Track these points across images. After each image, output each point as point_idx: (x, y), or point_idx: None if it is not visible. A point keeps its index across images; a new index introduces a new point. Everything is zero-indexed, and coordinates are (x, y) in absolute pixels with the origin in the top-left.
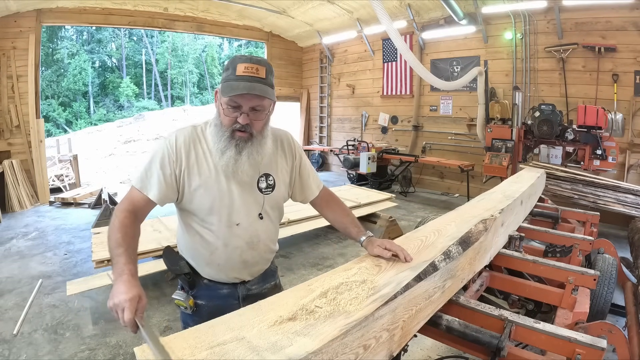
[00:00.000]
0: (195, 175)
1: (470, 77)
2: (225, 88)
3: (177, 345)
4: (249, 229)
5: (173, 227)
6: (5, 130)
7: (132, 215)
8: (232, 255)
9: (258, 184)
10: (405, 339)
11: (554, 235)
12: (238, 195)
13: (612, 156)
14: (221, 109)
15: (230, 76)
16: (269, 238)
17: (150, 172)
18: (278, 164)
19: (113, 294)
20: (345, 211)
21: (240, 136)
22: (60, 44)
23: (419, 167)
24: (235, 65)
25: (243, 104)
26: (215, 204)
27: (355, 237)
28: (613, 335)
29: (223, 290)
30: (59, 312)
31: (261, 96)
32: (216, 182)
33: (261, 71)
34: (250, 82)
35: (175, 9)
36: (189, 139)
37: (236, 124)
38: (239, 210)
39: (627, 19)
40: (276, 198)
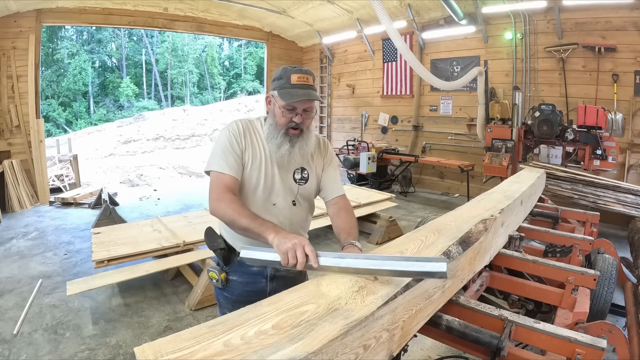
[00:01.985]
0: (249, 156)
1: (470, 77)
2: (285, 95)
3: (177, 345)
4: (283, 211)
5: (173, 227)
6: (5, 130)
7: (232, 194)
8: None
9: (294, 175)
10: (405, 339)
11: (554, 235)
12: (279, 181)
13: (612, 156)
14: (278, 111)
15: (286, 85)
16: (300, 224)
17: (225, 154)
18: (314, 160)
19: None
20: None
21: (293, 133)
22: (60, 44)
23: (419, 167)
24: (289, 75)
25: (298, 107)
26: (260, 183)
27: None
28: (613, 335)
29: (254, 267)
30: (59, 312)
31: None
32: (264, 166)
33: (310, 79)
34: (304, 89)
35: (175, 9)
36: (246, 127)
37: (291, 122)
38: (278, 193)
39: (627, 19)
40: (308, 190)
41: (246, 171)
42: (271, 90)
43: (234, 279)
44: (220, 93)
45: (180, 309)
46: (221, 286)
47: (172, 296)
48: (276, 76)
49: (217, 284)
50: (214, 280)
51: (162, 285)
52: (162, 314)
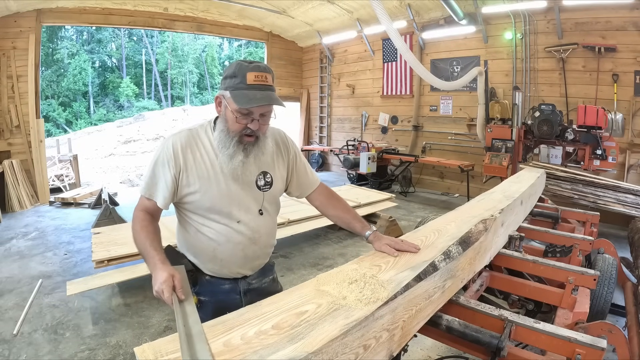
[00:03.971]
0: (194, 176)
1: (470, 77)
2: (240, 98)
3: (177, 345)
4: (250, 225)
5: (173, 227)
6: (5, 130)
7: (149, 216)
8: (234, 250)
9: (257, 182)
10: (405, 339)
11: (554, 235)
12: (237, 194)
13: (612, 156)
14: (231, 115)
15: (241, 85)
16: (269, 233)
17: (155, 179)
18: (274, 160)
19: (153, 283)
20: (346, 207)
21: (248, 141)
22: (60, 44)
23: (419, 167)
24: (244, 73)
25: (255, 111)
26: (215, 203)
27: (360, 232)
28: (613, 335)
29: (225, 285)
30: (59, 312)
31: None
32: (215, 182)
33: (269, 78)
34: (263, 90)
35: (175, 9)
36: (186, 142)
37: (246, 129)
38: (239, 207)
39: (627, 19)
40: (274, 194)
41: (195, 195)
42: (222, 89)
43: (205, 299)
44: None
45: None
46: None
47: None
48: (228, 73)
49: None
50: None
51: None
52: (162, 314)
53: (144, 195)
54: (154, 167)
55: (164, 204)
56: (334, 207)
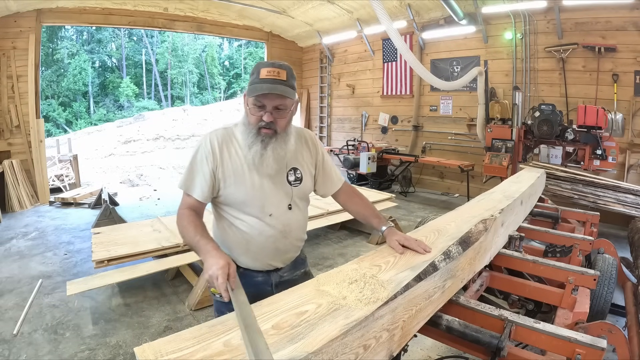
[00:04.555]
0: (229, 171)
1: (470, 77)
2: (251, 90)
3: (177, 345)
4: (281, 219)
5: (173, 227)
6: (5, 130)
7: (192, 212)
8: (266, 243)
9: (287, 177)
10: (405, 339)
11: (554, 235)
12: (269, 188)
13: (612, 156)
14: (248, 109)
15: (255, 79)
16: (299, 227)
17: (192, 175)
18: (304, 157)
19: (206, 268)
20: (366, 204)
21: (265, 133)
22: (60, 44)
23: (419, 167)
24: (259, 69)
25: (267, 104)
26: (248, 197)
27: (376, 227)
28: (613, 335)
29: (258, 277)
30: (59, 312)
31: (283, 96)
32: (249, 177)
33: (282, 74)
34: (273, 83)
35: (175, 9)
36: (222, 139)
37: (261, 121)
38: (271, 201)
39: (627, 19)
40: (303, 189)
41: (230, 188)
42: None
43: None
44: (220, 93)
45: (180, 309)
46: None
47: (172, 296)
48: (251, 72)
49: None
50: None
51: (162, 285)
52: (162, 314)
53: (183, 190)
54: (192, 163)
55: (203, 197)
56: (355, 204)
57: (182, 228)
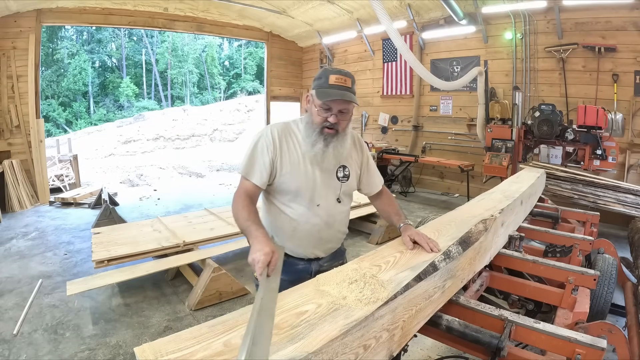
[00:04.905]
0: (286, 161)
1: (470, 77)
2: (321, 94)
3: (177, 345)
4: (328, 210)
5: (173, 227)
6: (5, 130)
7: (248, 197)
8: (311, 231)
9: (337, 174)
10: (405, 339)
11: (554, 235)
12: (320, 181)
13: (612, 156)
14: (314, 110)
15: (324, 84)
16: (342, 220)
17: (252, 161)
18: (352, 157)
19: (252, 252)
20: (392, 204)
21: (328, 132)
22: (60, 44)
23: (419, 167)
24: (328, 75)
25: (333, 107)
26: (301, 186)
27: (395, 223)
28: (613, 335)
29: (299, 265)
30: (59, 312)
31: (348, 101)
32: (304, 168)
33: (348, 81)
34: (341, 90)
35: (175, 9)
36: (282, 131)
37: (326, 122)
38: (320, 193)
39: (627, 19)
40: (350, 186)
41: (285, 177)
42: (311, 89)
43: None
44: (220, 93)
45: (180, 309)
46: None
47: (172, 296)
48: (316, 76)
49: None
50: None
51: (162, 285)
52: (162, 314)
53: (243, 175)
54: (253, 151)
55: (261, 182)
56: (384, 203)
57: (236, 211)
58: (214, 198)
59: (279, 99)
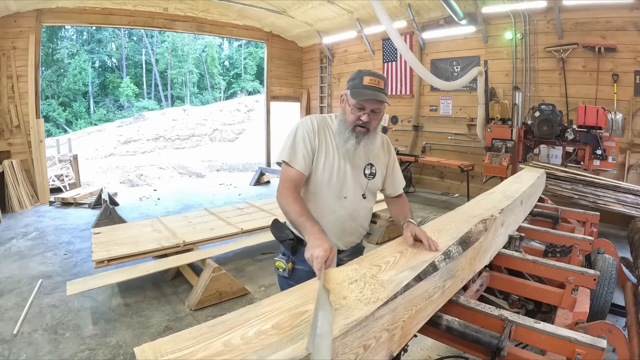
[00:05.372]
0: (322, 152)
1: (470, 77)
2: (356, 93)
3: (177, 345)
4: (353, 204)
5: (173, 227)
6: (5, 130)
7: (296, 189)
8: (336, 222)
9: (364, 170)
10: (405, 339)
11: (554, 235)
12: (350, 175)
13: (612, 156)
14: (348, 108)
15: (358, 85)
16: (366, 215)
17: (295, 149)
18: (379, 158)
19: (309, 247)
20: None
21: (360, 130)
22: (60, 44)
23: (419, 167)
24: (362, 77)
25: (367, 106)
26: (332, 178)
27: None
28: (613, 335)
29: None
30: (59, 312)
31: (381, 101)
32: (337, 162)
33: (381, 83)
34: (374, 90)
35: (175, 9)
36: (320, 123)
37: (359, 121)
38: (349, 186)
39: (627, 19)
40: (376, 184)
41: (319, 166)
42: (345, 89)
43: (299, 268)
44: (220, 93)
45: (180, 309)
46: (287, 275)
47: (172, 296)
48: (351, 77)
49: (284, 272)
50: (280, 270)
51: (162, 285)
52: (162, 314)
53: (286, 161)
54: (295, 139)
55: (305, 169)
56: (399, 205)
57: (285, 204)
58: (214, 198)
59: (279, 99)
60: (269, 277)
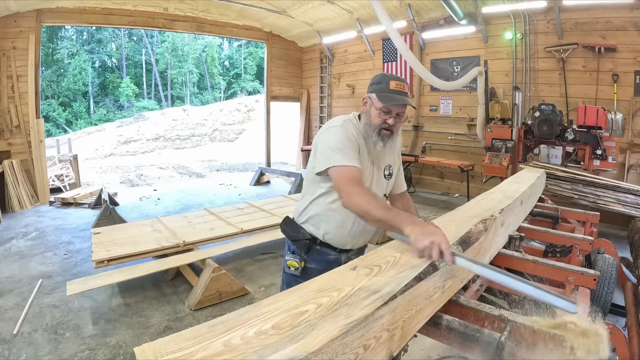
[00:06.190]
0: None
1: (470, 77)
2: (384, 98)
3: (177, 345)
4: None
5: (173, 227)
6: (5, 130)
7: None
8: (360, 223)
9: (384, 171)
10: (405, 339)
11: (554, 235)
12: (376, 177)
13: (612, 156)
14: (375, 112)
15: (385, 89)
16: None
17: (346, 151)
18: (395, 159)
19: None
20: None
21: (385, 133)
22: (60, 44)
23: (419, 167)
24: (388, 81)
25: (393, 110)
26: (367, 181)
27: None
28: (613, 335)
29: (330, 256)
30: (59, 312)
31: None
32: (368, 165)
33: (406, 87)
34: (401, 94)
35: (175, 9)
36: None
37: (385, 124)
38: (374, 187)
39: (627, 19)
40: (391, 184)
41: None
42: (368, 92)
43: (311, 266)
44: (220, 93)
45: (180, 309)
46: (299, 274)
47: (172, 296)
48: (375, 81)
49: (295, 271)
50: (292, 269)
51: (162, 285)
52: (162, 314)
53: (345, 164)
54: (343, 142)
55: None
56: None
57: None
58: (214, 198)
59: (279, 99)
60: (269, 277)
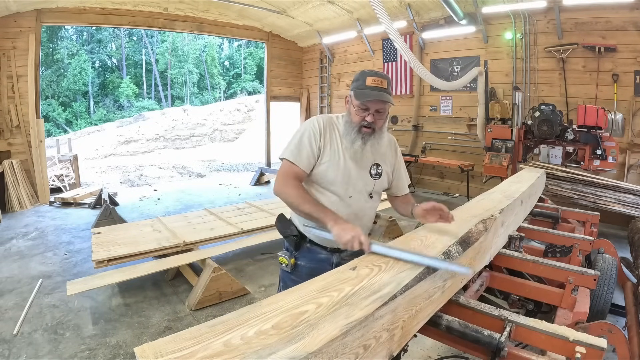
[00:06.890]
0: (327, 151)
1: (470, 77)
2: (359, 94)
3: (177, 345)
4: (359, 203)
5: (173, 227)
6: (5, 130)
7: (300, 183)
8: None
9: (370, 170)
10: (405, 339)
11: (554, 235)
12: (355, 175)
13: (612, 156)
14: (353, 110)
15: (361, 86)
16: (370, 215)
17: (300, 148)
18: (386, 158)
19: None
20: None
21: (365, 131)
22: (60, 44)
23: (419, 167)
24: (365, 77)
25: (371, 107)
26: (337, 177)
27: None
28: (613, 335)
29: (321, 254)
30: (59, 312)
31: (384, 101)
32: (342, 161)
33: (384, 83)
34: (378, 91)
35: (175, 9)
36: (327, 123)
37: (364, 121)
38: (354, 186)
39: (627, 19)
40: (380, 184)
41: (323, 166)
42: (350, 90)
43: (302, 263)
44: (220, 93)
45: (180, 309)
46: (290, 270)
47: (172, 296)
48: (355, 78)
49: (286, 268)
50: (283, 265)
51: (162, 285)
52: (162, 314)
53: (291, 160)
54: (302, 138)
55: (308, 168)
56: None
57: (293, 196)
58: (214, 198)
59: (279, 99)
60: (269, 277)
